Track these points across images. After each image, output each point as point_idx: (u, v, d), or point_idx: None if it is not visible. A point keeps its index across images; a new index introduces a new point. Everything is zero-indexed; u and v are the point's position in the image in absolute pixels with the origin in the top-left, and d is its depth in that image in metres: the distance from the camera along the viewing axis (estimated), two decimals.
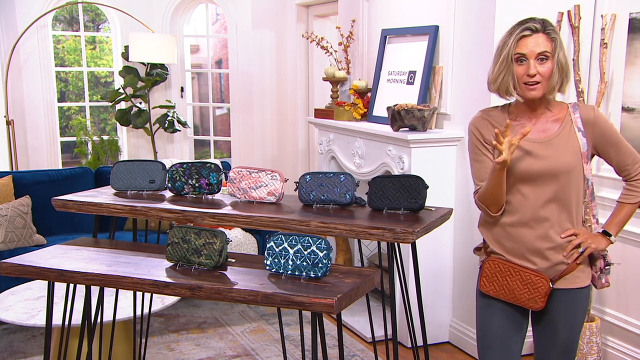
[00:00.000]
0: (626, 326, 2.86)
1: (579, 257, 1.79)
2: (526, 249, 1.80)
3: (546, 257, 1.79)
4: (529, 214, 1.78)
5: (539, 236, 1.78)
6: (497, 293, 1.83)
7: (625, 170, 1.84)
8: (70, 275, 1.88)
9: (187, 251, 1.90)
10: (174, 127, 5.16)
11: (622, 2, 2.79)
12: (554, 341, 1.85)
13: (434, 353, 3.16)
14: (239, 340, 3.30)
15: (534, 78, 1.70)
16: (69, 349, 2.45)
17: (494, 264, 1.84)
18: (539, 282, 1.77)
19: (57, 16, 6.15)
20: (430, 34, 3.25)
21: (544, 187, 1.76)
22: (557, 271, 1.80)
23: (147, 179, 2.33)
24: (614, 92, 2.86)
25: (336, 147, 3.76)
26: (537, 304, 1.79)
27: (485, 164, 1.82)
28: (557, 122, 1.79)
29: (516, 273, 1.80)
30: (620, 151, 1.81)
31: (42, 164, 5.06)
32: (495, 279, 1.83)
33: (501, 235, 1.84)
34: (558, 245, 1.78)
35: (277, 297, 1.70)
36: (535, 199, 1.77)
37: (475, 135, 1.85)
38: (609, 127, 1.81)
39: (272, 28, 5.23)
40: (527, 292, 1.79)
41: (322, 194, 2.18)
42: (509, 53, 1.71)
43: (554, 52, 1.70)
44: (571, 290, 1.82)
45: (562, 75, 1.73)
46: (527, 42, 1.70)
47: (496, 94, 1.81)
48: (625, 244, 2.84)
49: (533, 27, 1.71)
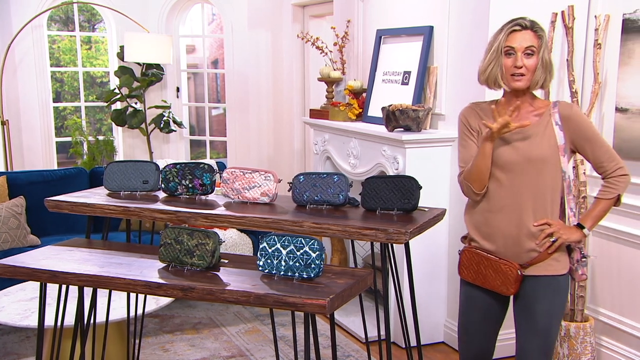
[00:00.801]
0: (620, 326, 2.87)
1: (550, 247, 1.87)
2: (501, 235, 1.91)
3: (518, 243, 1.89)
4: (505, 200, 1.89)
5: (513, 222, 1.89)
6: (474, 280, 1.98)
7: (602, 167, 1.92)
8: (62, 276, 1.88)
9: (179, 252, 1.90)
10: (169, 127, 5.15)
11: (616, 3, 2.79)
12: (533, 327, 1.91)
13: (429, 353, 3.16)
14: (234, 341, 3.29)
15: (520, 70, 1.83)
16: (62, 350, 2.44)
17: (469, 253, 1.99)
18: (508, 270, 1.89)
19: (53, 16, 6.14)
20: (424, 35, 3.25)
21: (519, 176, 1.87)
22: (529, 257, 1.89)
23: (140, 180, 2.33)
24: (607, 93, 2.87)
25: (331, 147, 3.75)
26: (509, 290, 1.91)
27: (469, 149, 1.96)
28: (537, 116, 1.91)
29: (488, 262, 1.93)
30: (596, 148, 1.89)
31: (37, 164, 5.05)
32: (472, 267, 1.98)
33: (479, 221, 1.96)
34: (531, 232, 1.88)
35: (269, 298, 1.70)
36: (511, 186, 1.88)
37: (463, 123, 1.99)
38: (586, 123, 1.90)
39: (267, 28, 5.23)
40: (499, 279, 1.91)
41: (316, 195, 2.18)
42: (499, 46, 1.85)
43: (539, 48, 1.84)
44: (545, 277, 1.90)
45: (546, 72, 1.87)
46: (516, 36, 1.84)
47: (485, 85, 1.93)
48: (620, 244, 2.85)
49: (523, 23, 1.86)
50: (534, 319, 1.91)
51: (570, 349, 2.80)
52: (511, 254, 1.90)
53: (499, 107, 1.85)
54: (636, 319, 2.80)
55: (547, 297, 1.89)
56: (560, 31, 2.91)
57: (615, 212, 2.84)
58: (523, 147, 1.87)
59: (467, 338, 2.04)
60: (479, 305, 2.01)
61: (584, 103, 2.94)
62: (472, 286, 2.00)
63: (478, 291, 1.99)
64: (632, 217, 2.76)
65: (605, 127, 2.89)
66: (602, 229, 2.91)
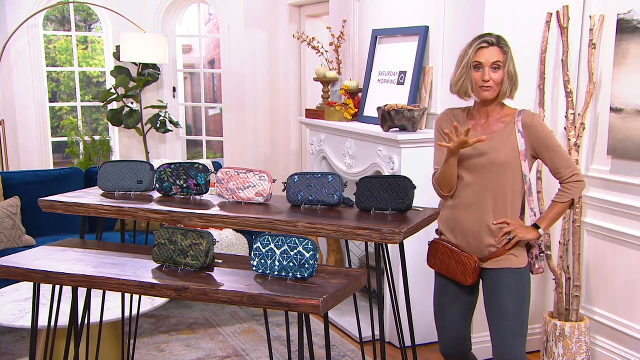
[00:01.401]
0: (615, 326, 2.87)
1: (508, 244, 2.06)
2: (464, 230, 2.11)
3: (479, 238, 2.09)
4: (469, 199, 2.08)
5: (475, 219, 2.08)
6: (440, 269, 2.18)
7: (559, 173, 2.10)
8: (55, 276, 1.87)
9: (173, 252, 1.89)
10: (166, 127, 5.15)
11: (610, 3, 2.80)
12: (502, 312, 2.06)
13: (425, 353, 3.17)
14: (230, 341, 3.29)
15: (488, 83, 2.02)
16: (57, 350, 2.44)
17: (436, 245, 2.19)
18: (467, 261, 2.08)
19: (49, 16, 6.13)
20: (420, 35, 3.25)
21: (483, 177, 2.06)
22: (488, 252, 2.09)
23: (135, 180, 2.33)
24: (602, 93, 2.88)
25: (327, 147, 3.75)
26: (467, 280, 2.09)
27: (442, 152, 2.12)
28: (503, 124, 2.09)
29: (451, 253, 2.13)
30: (554, 155, 2.07)
31: (33, 165, 5.04)
32: (438, 257, 2.18)
33: (447, 216, 2.16)
34: (490, 230, 2.07)
35: (263, 298, 1.70)
36: (476, 187, 2.07)
37: (437, 129, 2.18)
38: (545, 132, 2.07)
39: (264, 28, 5.22)
40: (459, 270, 2.11)
41: (310, 195, 2.18)
42: (469, 61, 2.04)
43: (505, 63, 2.03)
44: (503, 270, 2.08)
45: (512, 84, 2.05)
46: (484, 52, 2.02)
47: (457, 95, 2.11)
48: (614, 244, 2.85)
49: (490, 40, 2.03)
50: (502, 304, 2.06)
51: (565, 348, 2.81)
52: (473, 248, 2.10)
53: (457, 125, 2.01)
54: (631, 319, 2.80)
55: (510, 284, 2.07)
56: (556, 31, 2.91)
57: (610, 212, 2.85)
58: (488, 152, 2.05)
59: (442, 323, 2.22)
60: (448, 292, 2.20)
61: (579, 103, 2.94)
62: (442, 275, 2.20)
63: (447, 279, 2.19)
64: (627, 217, 2.77)
65: (600, 127, 2.90)
66: (597, 229, 2.92)
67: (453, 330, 2.20)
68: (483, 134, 2.06)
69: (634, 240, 2.75)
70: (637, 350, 2.77)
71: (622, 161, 2.79)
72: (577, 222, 2.88)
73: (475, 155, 2.06)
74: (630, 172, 2.74)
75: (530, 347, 3.03)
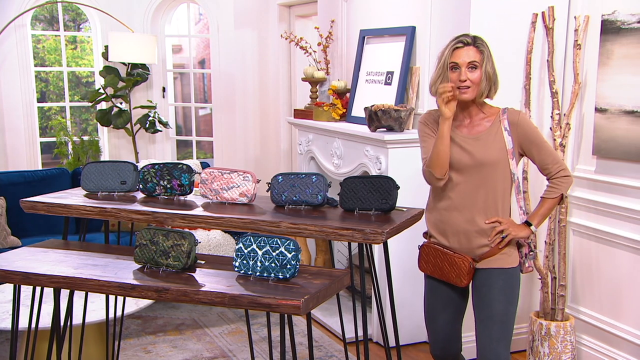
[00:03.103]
0: (600, 325, 2.88)
1: (501, 242, 2.04)
2: (455, 231, 2.08)
3: (470, 239, 2.06)
4: (459, 200, 2.06)
5: (466, 220, 2.05)
6: (432, 272, 2.14)
7: (546, 169, 2.09)
8: (35, 278, 1.86)
9: (155, 253, 1.89)
10: (155, 127, 5.12)
11: (595, 4, 2.81)
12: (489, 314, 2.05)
13: (412, 353, 3.17)
14: (217, 342, 3.28)
15: (464, 83, 1.99)
16: (40, 353, 2.42)
17: (428, 248, 2.14)
18: (461, 263, 2.05)
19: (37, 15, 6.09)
20: (407, 35, 3.25)
21: (472, 177, 2.04)
22: (480, 253, 2.06)
23: (118, 180, 2.32)
24: (587, 93, 2.89)
25: (315, 147, 3.75)
26: (462, 282, 2.06)
27: (429, 141, 2.10)
28: (488, 122, 2.07)
29: (444, 256, 2.09)
30: (542, 151, 2.06)
31: (21, 165, 5.00)
32: (430, 260, 2.14)
33: (437, 218, 2.13)
34: (482, 229, 2.05)
35: (244, 299, 1.70)
36: (465, 186, 2.04)
37: (424, 124, 2.15)
38: (532, 129, 2.06)
39: (254, 28, 5.21)
40: (453, 272, 2.07)
41: (294, 195, 2.18)
42: (445, 62, 2.02)
43: (482, 62, 2.00)
44: (496, 269, 2.06)
45: (490, 83, 2.03)
46: (459, 53, 2.00)
47: (435, 96, 2.05)
48: (599, 243, 2.86)
49: (465, 40, 2.01)
50: (490, 306, 2.05)
51: (550, 347, 2.82)
52: (465, 249, 2.07)
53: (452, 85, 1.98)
54: (616, 318, 2.81)
55: (500, 286, 2.05)
56: (541, 32, 2.92)
57: (595, 212, 2.86)
58: (476, 152, 2.03)
59: (433, 326, 2.19)
60: (440, 295, 2.17)
61: (565, 103, 2.96)
62: (432, 278, 2.17)
63: (438, 282, 2.16)
64: (612, 217, 2.78)
65: (586, 127, 2.91)
66: (583, 229, 2.93)
67: (444, 333, 2.18)
68: (468, 135, 2.05)
69: (618, 239, 2.76)
70: (623, 349, 2.78)
71: (606, 161, 2.80)
72: (562, 222, 2.89)
73: (463, 155, 2.04)
74: (614, 172, 2.76)
75: (516, 347, 3.04)
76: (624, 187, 2.71)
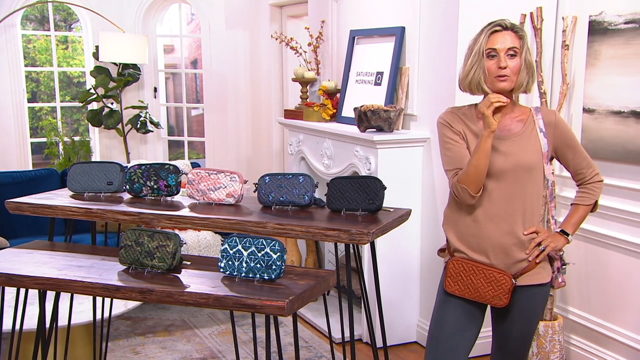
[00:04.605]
0: (588, 324, 2.89)
1: (539, 255, 1.84)
2: (490, 245, 1.84)
3: (508, 253, 1.83)
4: (494, 209, 1.83)
5: (503, 232, 1.83)
6: (462, 292, 1.87)
7: (581, 174, 1.93)
8: (18, 279, 1.85)
9: (140, 254, 1.88)
10: (146, 127, 5.11)
11: (583, 5, 2.82)
12: (512, 333, 1.93)
13: (402, 353, 3.17)
14: (206, 343, 3.27)
15: (504, 71, 1.76)
16: (26, 354, 2.41)
17: (457, 263, 1.87)
18: (503, 280, 1.81)
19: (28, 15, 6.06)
20: (396, 35, 3.25)
21: (507, 183, 1.82)
22: (519, 268, 1.84)
23: (104, 181, 2.30)
24: (575, 94, 2.90)
25: (306, 148, 3.75)
26: (502, 301, 1.83)
27: (455, 151, 1.86)
28: (521, 122, 1.87)
29: (480, 271, 1.83)
30: (577, 155, 1.90)
31: (11, 166, 4.98)
32: (460, 278, 1.86)
33: (465, 231, 1.87)
34: (521, 241, 1.83)
35: (228, 300, 1.69)
36: (500, 194, 1.82)
37: (444, 125, 1.89)
38: (569, 131, 1.89)
39: (245, 28, 5.21)
40: (491, 290, 1.83)
41: (281, 196, 2.17)
42: (480, 48, 1.78)
43: (522, 49, 1.78)
44: (532, 287, 1.87)
45: (529, 74, 1.81)
46: (497, 37, 1.78)
47: (467, 91, 1.86)
48: (588, 244, 2.87)
49: (503, 24, 1.80)
50: (514, 326, 1.90)
51: (539, 347, 2.82)
52: (502, 266, 1.84)
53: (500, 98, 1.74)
54: (605, 318, 2.82)
55: (531, 306, 1.88)
56: (529, 32, 2.92)
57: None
58: (513, 154, 1.81)
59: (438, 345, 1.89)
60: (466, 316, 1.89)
61: (553, 104, 2.97)
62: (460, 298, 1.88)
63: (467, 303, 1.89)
64: (600, 217, 2.79)
65: (574, 127, 2.91)
66: None
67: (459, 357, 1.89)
68: (502, 135, 1.82)
69: (607, 239, 2.77)
70: (611, 348, 2.79)
71: (595, 161, 2.78)
72: (551, 222, 2.89)
73: (498, 158, 1.81)
74: (602, 173, 2.73)
75: None
76: (612, 187, 2.72)
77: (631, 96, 2.59)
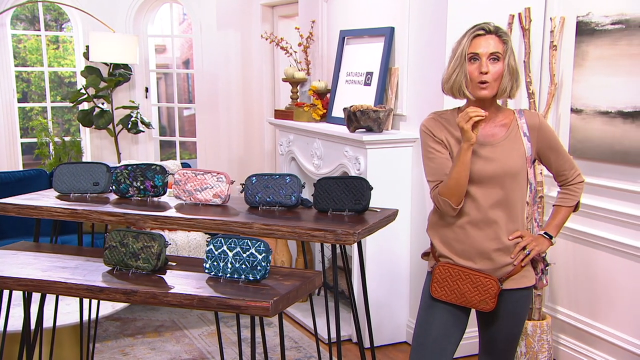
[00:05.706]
0: (576, 324, 2.90)
1: (524, 259, 1.85)
2: (474, 251, 1.84)
3: (492, 258, 1.83)
4: (479, 215, 1.82)
5: (488, 237, 1.82)
6: (449, 297, 1.86)
7: (563, 175, 1.93)
8: (1, 281, 1.83)
9: (124, 255, 1.87)
10: (137, 128, 5.09)
11: (570, 6, 2.83)
12: (499, 336, 1.94)
13: (391, 353, 3.17)
14: (196, 344, 3.26)
15: (485, 77, 1.74)
16: (11, 356, 2.39)
17: (444, 269, 1.86)
18: (489, 284, 1.81)
19: (18, 15, 6.03)
20: (386, 35, 3.26)
21: (492, 189, 1.81)
22: (504, 272, 1.84)
23: (91, 181, 2.29)
24: (563, 94, 2.91)
25: (296, 148, 3.74)
26: (488, 305, 1.83)
27: (437, 161, 1.84)
28: (504, 127, 1.84)
29: (466, 276, 1.83)
30: (559, 157, 1.89)
31: (1, 166, 4.95)
32: (446, 283, 1.85)
33: (450, 237, 1.86)
34: (505, 246, 1.83)
35: (213, 301, 1.69)
36: (484, 200, 1.81)
37: (426, 133, 1.87)
38: (552, 133, 1.89)
39: (237, 28, 5.20)
40: (477, 294, 1.83)
41: (268, 196, 2.17)
42: (462, 52, 1.76)
43: (505, 54, 1.75)
44: (518, 290, 1.88)
45: (513, 79, 1.78)
46: (480, 41, 1.75)
47: (449, 94, 1.83)
48: (576, 243, 2.88)
49: (487, 28, 1.77)
50: (501, 329, 1.91)
51: (527, 347, 2.83)
52: (488, 270, 1.83)
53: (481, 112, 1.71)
54: (593, 317, 2.83)
55: (516, 310, 1.89)
56: (518, 33, 2.93)
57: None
58: (496, 160, 1.79)
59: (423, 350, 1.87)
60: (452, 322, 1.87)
61: (541, 104, 2.97)
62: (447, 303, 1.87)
63: (453, 308, 1.88)
64: (588, 217, 2.80)
65: (562, 127, 2.93)
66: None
67: None
68: (486, 141, 1.81)
69: (595, 239, 2.78)
70: (600, 348, 2.80)
71: (582, 161, 2.82)
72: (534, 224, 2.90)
73: (482, 164, 1.79)
74: (590, 172, 2.78)
75: None
76: (599, 187, 2.73)
77: (618, 96, 2.60)
